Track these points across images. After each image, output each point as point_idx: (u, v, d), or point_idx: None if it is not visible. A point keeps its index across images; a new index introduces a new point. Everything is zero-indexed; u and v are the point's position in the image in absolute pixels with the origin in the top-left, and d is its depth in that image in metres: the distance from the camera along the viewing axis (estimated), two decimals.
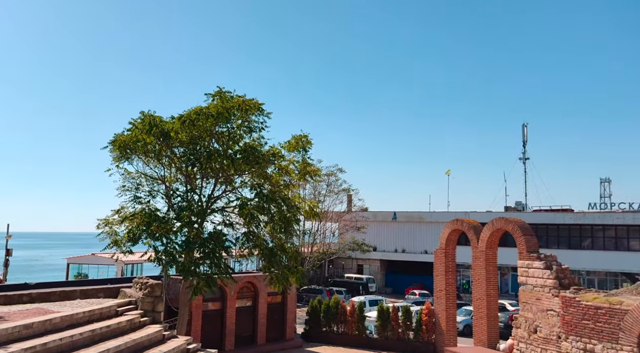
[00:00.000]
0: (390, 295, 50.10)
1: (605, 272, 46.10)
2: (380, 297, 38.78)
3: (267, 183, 16.58)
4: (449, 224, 23.85)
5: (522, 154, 60.70)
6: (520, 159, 60.80)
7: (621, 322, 13.93)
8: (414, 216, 56.12)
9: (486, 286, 21.37)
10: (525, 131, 60.78)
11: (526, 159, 60.43)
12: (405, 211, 57.01)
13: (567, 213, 49.23)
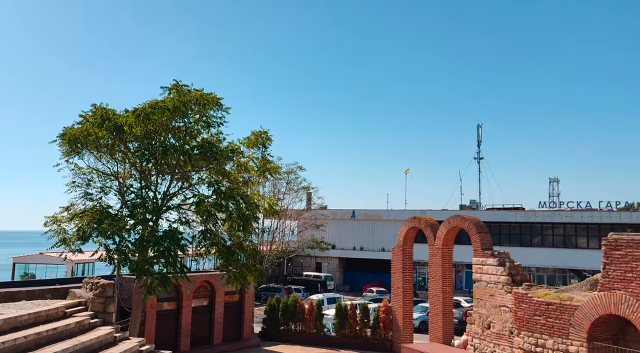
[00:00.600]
0: (349, 293, 50.38)
1: (554, 268, 47.79)
2: (338, 295, 38.90)
3: (225, 180, 16.23)
4: (407, 222, 24.10)
5: (477, 154, 62.26)
6: (475, 158, 62.35)
7: (571, 318, 14.37)
8: (372, 214, 56.63)
9: (442, 283, 21.69)
10: (480, 131, 62.36)
11: (480, 159, 62.02)
12: (363, 209, 57.45)
13: (519, 212, 50.73)
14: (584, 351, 14.02)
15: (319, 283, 50.27)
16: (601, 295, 13.60)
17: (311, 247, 51.53)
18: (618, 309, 13.10)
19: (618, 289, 13.12)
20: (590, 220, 46.14)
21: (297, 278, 52.21)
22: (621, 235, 13.50)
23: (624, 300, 12.93)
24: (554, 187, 59.81)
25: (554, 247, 47.47)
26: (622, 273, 13.07)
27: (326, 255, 56.01)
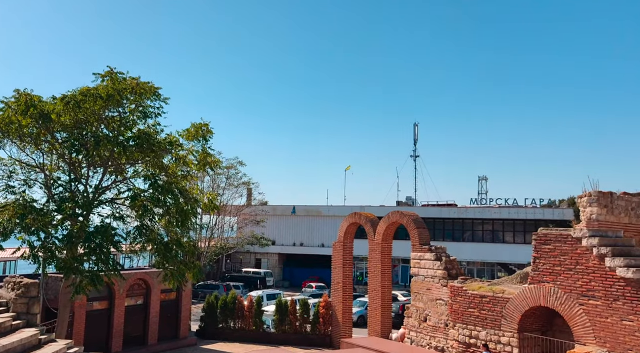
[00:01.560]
0: (288, 289, 50.27)
1: (482, 262, 49.74)
2: (278, 291, 38.70)
3: (163, 173, 15.55)
4: (348, 217, 24.24)
5: (413, 152, 63.80)
6: (411, 156, 63.89)
7: (503, 310, 14.92)
8: (312, 210, 56.74)
9: (381, 277, 21.98)
10: (416, 130, 63.95)
11: (416, 157, 63.61)
12: (304, 205, 57.44)
13: (452, 208, 52.46)
14: (514, 342, 14.60)
15: (258, 279, 49.86)
16: (531, 288, 14.20)
17: (251, 243, 50.96)
18: (547, 301, 13.72)
19: (547, 282, 13.73)
20: (517, 216, 48.39)
21: (236, 275, 51.54)
22: (550, 230, 14.13)
23: (553, 292, 13.55)
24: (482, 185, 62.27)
25: (483, 242, 49.47)
26: (551, 266, 13.69)
27: (266, 251, 55.62)
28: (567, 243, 13.36)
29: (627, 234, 14.61)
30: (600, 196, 16.51)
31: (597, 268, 12.58)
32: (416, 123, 63.88)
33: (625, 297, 11.94)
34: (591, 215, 16.56)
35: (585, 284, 12.84)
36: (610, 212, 16.70)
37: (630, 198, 17.63)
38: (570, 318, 13.16)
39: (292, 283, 55.50)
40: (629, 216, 17.29)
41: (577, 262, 13.08)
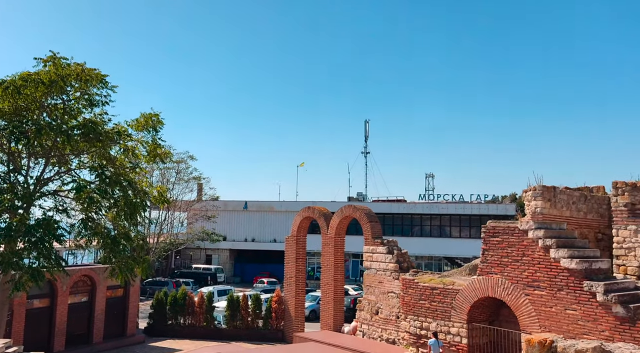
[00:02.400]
0: (239, 285, 49.79)
1: (430, 256, 50.92)
2: (229, 287, 38.29)
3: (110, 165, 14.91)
4: (301, 212, 24.18)
5: (364, 148, 64.54)
6: (362, 152, 64.60)
7: (453, 301, 15.26)
8: (264, 205, 56.36)
9: (334, 271, 22.07)
10: (367, 127, 64.75)
11: (367, 153, 64.40)
12: (256, 200, 56.98)
13: (401, 204, 53.49)
14: (463, 332, 14.97)
15: (209, 275, 49.13)
16: (480, 279, 14.59)
17: (201, 239, 50.07)
18: (495, 292, 14.13)
19: (495, 273, 14.15)
20: (463, 212, 49.87)
21: (186, 271, 50.59)
22: (498, 223, 14.56)
23: (500, 283, 13.97)
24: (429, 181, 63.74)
25: (431, 237, 50.69)
26: (499, 258, 14.11)
27: (217, 247, 54.85)
28: (515, 236, 13.80)
29: (569, 227, 15.26)
30: (544, 190, 17.18)
31: (543, 260, 13.05)
32: (367, 120, 64.74)
33: (568, 286, 12.44)
34: (536, 209, 17.21)
35: (531, 275, 13.30)
36: (553, 205, 17.42)
37: (572, 193, 18.45)
38: (517, 308, 13.61)
39: (243, 279, 55.01)
40: (570, 210, 18.08)
41: (523, 254, 13.53)
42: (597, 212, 19.12)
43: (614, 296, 11.56)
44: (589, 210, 18.82)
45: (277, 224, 54.80)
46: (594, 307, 11.91)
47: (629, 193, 15.28)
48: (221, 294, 33.60)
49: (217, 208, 52.77)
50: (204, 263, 55.71)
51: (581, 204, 18.60)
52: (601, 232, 19.24)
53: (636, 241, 14.89)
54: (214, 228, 52.04)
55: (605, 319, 11.65)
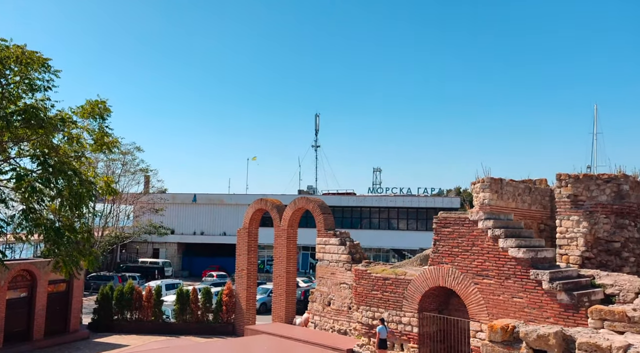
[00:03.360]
0: (188, 279, 48.91)
1: (379, 248, 51.79)
2: (178, 281, 37.58)
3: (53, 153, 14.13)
4: (254, 204, 23.93)
5: (315, 142, 64.79)
6: (312, 146, 64.82)
7: (405, 291, 15.53)
8: (214, 198, 55.50)
9: (286, 263, 22.02)
10: (318, 121, 65.04)
11: (318, 147, 64.68)
12: (205, 193, 56.02)
13: (351, 197, 54.10)
14: (414, 321, 15.27)
15: (156, 269, 48.02)
16: (431, 269, 14.91)
17: (148, 232, 48.77)
18: (445, 281, 14.48)
19: (446, 263, 14.49)
20: (410, 205, 50.99)
21: (132, 265, 49.22)
22: (449, 214, 14.90)
23: (451, 272, 14.32)
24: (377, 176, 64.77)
25: (379, 229, 51.53)
26: (450, 248, 14.45)
27: (164, 240, 53.61)
28: (465, 226, 14.16)
29: (514, 218, 15.80)
30: (492, 182, 17.75)
31: (491, 249, 13.47)
32: (317, 114, 65.12)
33: (516, 275, 12.90)
34: (484, 200, 17.75)
35: (480, 264, 13.70)
36: (500, 197, 18.02)
37: (517, 185, 19.16)
38: (466, 296, 14.00)
39: (191, 272, 54.06)
40: (515, 201, 18.78)
41: (473, 244, 13.91)
42: (540, 204, 19.96)
43: (559, 284, 12.07)
44: (532, 202, 19.62)
45: (227, 217, 54.13)
46: (540, 295, 12.40)
47: (571, 185, 15.98)
48: (169, 288, 32.98)
49: (165, 201, 51.54)
50: (151, 257, 54.36)
51: (526, 196, 19.36)
52: (544, 223, 20.10)
53: (578, 231, 15.62)
54: (162, 222, 50.82)
55: (550, 306, 12.15)
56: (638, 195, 16.44)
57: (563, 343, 6.41)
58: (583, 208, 16.01)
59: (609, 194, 16.02)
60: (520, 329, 7.06)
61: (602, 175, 16.36)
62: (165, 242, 54.34)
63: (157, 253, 55.76)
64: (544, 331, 6.85)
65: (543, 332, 6.87)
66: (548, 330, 6.77)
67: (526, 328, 7.15)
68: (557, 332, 6.75)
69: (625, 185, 16.02)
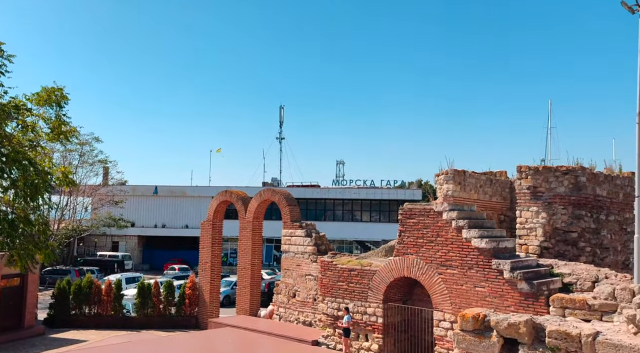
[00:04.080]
0: (149, 272, 47.99)
1: (342, 240, 52.13)
2: (138, 274, 36.84)
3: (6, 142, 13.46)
4: (218, 196, 23.59)
5: (279, 134, 64.50)
6: (277, 138, 64.53)
7: (370, 282, 15.63)
8: (176, 190, 54.56)
9: (251, 256, 21.83)
10: (282, 112, 64.74)
11: (282, 139, 64.41)
12: (167, 185, 54.99)
13: (315, 189, 54.19)
14: (379, 311, 15.40)
15: (115, 263, 46.89)
16: (396, 260, 15.04)
17: (107, 225, 47.50)
18: (410, 272, 14.64)
19: (411, 254, 14.64)
20: (373, 197, 51.47)
21: (90, 259, 47.92)
22: (415, 205, 15.05)
23: (415, 263, 14.49)
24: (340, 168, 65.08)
25: (343, 221, 51.86)
26: (415, 239, 14.60)
27: (124, 233, 52.38)
28: (430, 217, 14.33)
29: (477, 209, 16.10)
30: (456, 174, 18.04)
31: (455, 240, 13.68)
32: (282, 106, 64.80)
33: (478, 265, 13.16)
34: (447, 191, 18.03)
35: (444, 255, 13.91)
36: (463, 188, 18.35)
37: (479, 177, 19.55)
38: (430, 286, 14.20)
39: (153, 266, 53.11)
40: (477, 193, 19.15)
41: (437, 234, 14.10)
42: (500, 195, 20.45)
43: (519, 273, 12.38)
44: (493, 193, 20.07)
45: (189, 210, 53.33)
46: (501, 284, 12.69)
47: (531, 177, 16.40)
48: (130, 282, 32.27)
49: (125, 193, 50.31)
50: (110, 250, 53.06)
51: (487, 188, 19.79)
52: (504, 214, 20.62)
53: (537, 222, 16.06)
54: (122, 214, 49.61)
55: (510, 295, 12.45)
56: (594, 187, 17.03)
57: (533, 331, 6.58)
58: (542, 200, 16.47)
59: (567, 186, 16.52)
60: (491, 318, 7.18)
61: (560, 167, 16.85)
62: (125, 235, 53.13)
63: (116, 246, 54.48)
64: (515, 320, 6.99)
65: (514, 320, 7.01)
66: (518, 319, 6.92)
67: (497, 317, 7.28)
68: (527, 320, 6.90)
69: (583, 176, 16.56)
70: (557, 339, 6.58)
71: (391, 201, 50.64)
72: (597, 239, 17.04)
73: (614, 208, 18.20)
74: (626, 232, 18.81)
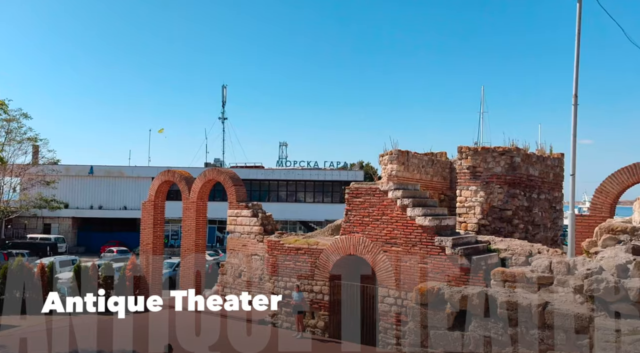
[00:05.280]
0: (84, 255, 46.14)
1: (286, 221, 52.29)
2: (74, 257, 35.45)
3: None
4: (160, 175, 22.96)
5: (222, 114, 63.33)
6: (219, 118, 63.36)
7: (317, 260, 15.82)
8: (113, 171, 52.54)
9: (196, 236, 21.51)
10: (225, 92, 63.47)
11: (225, 119, 63.32)
12: (103, 165, 52.83)
13: (259, 170, 53.82)
14: (326, 289, 15.66)
15: (47, 246, 44.84)
16: (343, 238, 15.29)
17: (38, 206, 45.15)
18: (356, 250, 14.93)
19: (357, 232, 14.92)
20: (317, 178, 51.84)
21: (20, 242, 45.54)
22: (361, 185, 15.30)
23: (362, 241, 14.79)
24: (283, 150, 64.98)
25: (287, 202, 51.96)
26: (361, 218, 14.88)
27: (57, 215, 50.01)
28: (376, 196, 14.62)
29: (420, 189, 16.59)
30: (400, 154, 18.46)
31: (400, 218, 14.05)
32: (225, 85, 63.48)
33: (421, 242, 13.61)
34: (391, 171, 18.45)
35: (389, 233, 14.27)
36: (407, 168, 18.82)
37: (422, 157, 20.10)
38: (375, 264, 14.56)
39: (89, 248, 51.11)
40: (420, 173, 19.71)
41: (383, 213, 14.43)
42: (441, 175, 21.15)
43: (460, 249, 12.92)
44: (434, 173, 20.73)
45: (127, 190, 51.61)
46: (443, 260, 13.20)
47: (471, 157, 17.05)
48: (64, 265, 31.07)
49: (57, 173, 47.87)
50: (42, 232, 50.59)
51: (429, 168, 20.41)
52: (443, 193, 21.37)
53: (476, 200, 16.77)
54: (54, 195, 47.25)
55: (451, 271, 12.98)
56: (527, 167, 17.96)
57: (485, 303, 6.99)
58: (480, 179, 17.20)
59: (503, 166, 17.32)
60: (445, 291, 7.51)
61: (497, 148, 17.63)
62: (58, 216, 50.75)
63: (48, 228, 52.01)
64: (468, 292, 7.34)
65: (467, 293, 7.36)
66: (471, 291, 7.27)
67: (451, 290, 7.61)
68: (479, 292, 7.26)
69: (517, 157, 17.41)
70: (509, 310, 7.01)
71: (334, 182, 51.17)
72: (529, 217, 18.05)
73: (545, 188, 19.31)
74: (555, 210, 20.04)
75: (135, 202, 49.15)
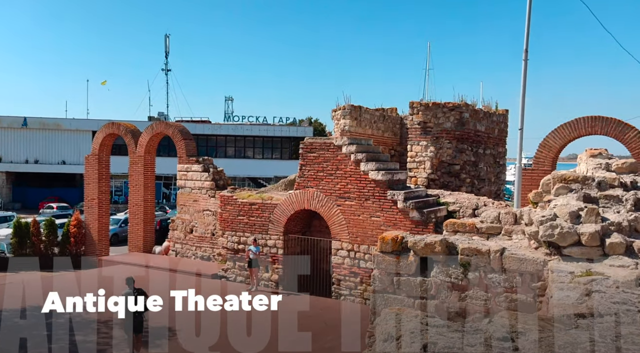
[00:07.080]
0: (21, 211, 44.12)
1: (234, 177, 51.81)
2: (10, 213, 33.90)
3: None
4: (104, 128, 21.99)
5: (165, 65, 60.81)
6: (162, 69, 60.84)
7: (271, 215, 15.88)
8: (49, 123, 49.76)
9: (144, 191, 20.98)
10: (168, 42, 60.72)
11: (168, 71, 60.88)
12: (38, 117, 49.91)
13: (206, 125, 52.58)
14: (280, 243, 15.83)
15: None
16: (297, 193, 15.37)
17: None
18: (310, 204, 15.08)
19: (311, 187, 15.02)
20: (266, 134, 51.32)
21: None
22: (315, 139, 15.30)
23: (316, 196, 14.92)
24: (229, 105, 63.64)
25: (234, 158, 51.29)
26: (315, 172, 14.96)
27: None
28: (330, 151, 14.68)
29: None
30: (352, 109, 18.51)
31: (354, 173, 14.24)
32: (167, 34, 60.65)
33: (374, 196, 13.90)
34: (344, 127, 18.52)
35: (343, 187, 14.46)
36: (359, 124, 18.93)
37: (374, 113, 20.25)
38: (329, 218, 14.80)
39: (25, 204, 48.86)
40: (372, 128, 19.90)
41: (337, 168, 14.55)
42: (391, 131, 21.45)
43: (412, 203, 13.32)
44: (385, 129, 20.99)
45: (65, 144, 49.20)
46: (395, 213, 13.59)
47: (422, 113, 17.34)
48: (1, 221, 29.71)
49: None
50: None
51: (380, 123, 20.62)
52: (394, 149, 21.76)
53: (426, 155, 17.19)
54: None
55: (403, 223, 13.42)
56: (475, 123, 18.49)
57: (446, 249, 7.35)
58: (431, 134, 17.59)
59: (453, 121, 17.75)
60: (409, 239, 7.77)
61: (447, 104, 17.99)
62: None
63: None
64: (430, 240, 7.63)
65: (429, 240, 7.65)
66: (434, 239, 7.57)
67: (414, 238, 7.87)
68: (442, 240, 7.57)
69: (466, 113, 17.86)
70: (469, 256, 7.45)
71: (283, 138, 50.82)
72: (475, 171, 18.75)
73: (490, 143, 20.01)
74: (499, 165, 20.88)
75: (75, 156, 47.09)
